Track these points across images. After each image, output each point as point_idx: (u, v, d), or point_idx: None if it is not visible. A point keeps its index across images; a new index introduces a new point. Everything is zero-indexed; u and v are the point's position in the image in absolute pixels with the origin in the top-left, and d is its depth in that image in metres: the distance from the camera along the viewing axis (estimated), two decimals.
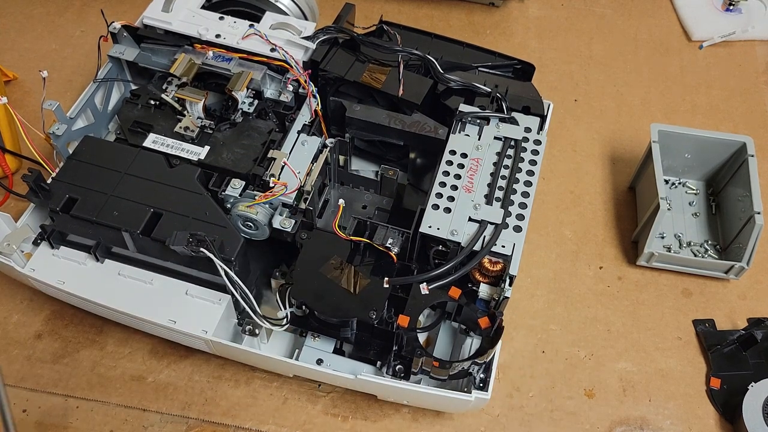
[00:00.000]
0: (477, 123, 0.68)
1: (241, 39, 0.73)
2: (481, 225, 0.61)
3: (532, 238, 0.78)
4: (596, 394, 0.68)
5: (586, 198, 0.84)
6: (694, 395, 0.69)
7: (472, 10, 1.04)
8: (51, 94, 0.87)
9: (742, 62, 1.00)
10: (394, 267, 0.62)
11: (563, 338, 0.72)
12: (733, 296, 0.76)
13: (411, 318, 0.58)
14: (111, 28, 0.75)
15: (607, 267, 0.77)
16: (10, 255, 0.64)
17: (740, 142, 0.77)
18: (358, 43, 0.74)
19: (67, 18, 0.99)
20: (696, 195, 0.83)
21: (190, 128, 0.71)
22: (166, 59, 0.75)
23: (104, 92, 0.75)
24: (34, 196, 0.64)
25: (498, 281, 0.60)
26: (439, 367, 0.57)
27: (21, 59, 0.93)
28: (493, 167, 0.65)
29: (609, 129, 0.91)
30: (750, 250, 0.72)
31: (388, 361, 0.59)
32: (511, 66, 0.77)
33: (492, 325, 0.59)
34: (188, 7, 0.76)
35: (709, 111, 0.94)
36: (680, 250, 0.78)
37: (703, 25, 1.03)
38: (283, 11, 0.80)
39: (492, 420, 0.66)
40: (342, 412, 0.65)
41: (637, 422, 0.67)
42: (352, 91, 0.73)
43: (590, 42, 1.02)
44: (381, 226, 0.63)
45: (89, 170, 0.66)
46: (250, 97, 0.73)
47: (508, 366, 0.69)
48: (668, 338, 0.72)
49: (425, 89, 0.72)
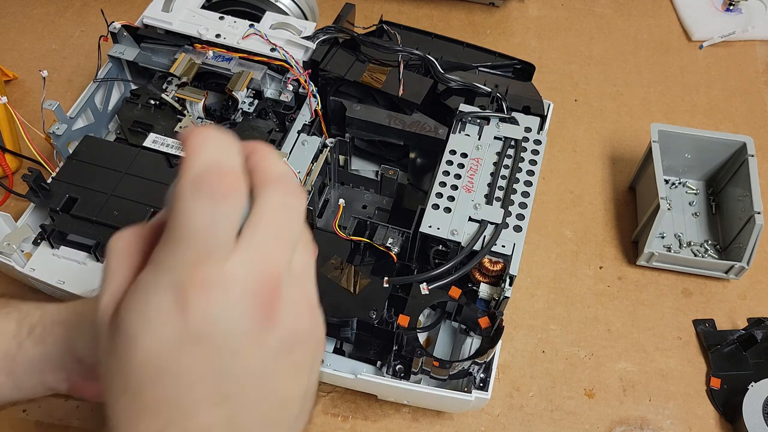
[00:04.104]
0: (477, 123, 0.68)
1: (241, 39, 0.73)
2: (482, 225, 0.61)
3: (532, 238, 0.78)
4: (596, 394, 0.68)
5: (586, 198, 0.84)
6: (694, 395, 0.69)
7: (472, 10, 1.04)
8: (51, 94, 0.87)
9: (743, 62, 1.00)
10: (394, 267, 0.62)
11: (563, 338, 0.72)
12: (733, 296, 0.76)
13: (411, 318, 0.58)
14: (111, 27, 0.75)
15: (607, 267, 0.77)
16: (10, 255, 0.64)
17: (740, 142, 0.77)
18: (359, 42, 0.74)
19: (67, 18, 0.99)
20: (696, 195, 0.83)
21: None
22: (166, 59, 0.75)
23: (104, 92, 0.75)
24: (34, 196, 0.64)
25: (498, 281, 0.60)
26: (439, 366, 0.57)
27: (21, 59, 0.93)
28: (494, 167, 0.65)
29: (609, 129, 0.91)
30: (750, 250, 0.72)
31: (388, 361, 0.59)
32: (512, 66, 0.77)
33: (492, 324, 0.59)
34: (188, 7, 0.76)
35: (709, 111, 0.94)
36: (680, 250, 0.78)
37: (703, 25, 1.03)
38: (283, 11, 0.80)
39: (492, 420, 0.66)
40: (342, 412, 0.65)
41: (637, 422, 0.67)
42: (352, 91, 0.73)
43: (590, 42, 1.02)
44: (381, 225, 0.63)
45: (89, 170, 0.66)
46: (250, 96, 0.73)
47: (508, 366, 0.69)
48: (668, 338, 0.72)
49: (425, 89, 0.72)
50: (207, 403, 0.28)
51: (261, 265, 0.28)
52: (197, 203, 0.26)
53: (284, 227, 0.29)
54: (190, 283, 0.27)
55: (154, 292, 0.27)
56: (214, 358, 0.27)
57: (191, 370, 0.27)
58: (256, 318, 0.27)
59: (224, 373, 0.28)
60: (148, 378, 0.27)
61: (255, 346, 0.28)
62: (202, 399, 0.28)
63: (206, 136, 0.28)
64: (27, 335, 0.44)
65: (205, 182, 0.26)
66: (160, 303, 0.27)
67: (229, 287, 0.27)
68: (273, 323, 0.28)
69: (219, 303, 0.27)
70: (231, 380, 0.28)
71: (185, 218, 0.26)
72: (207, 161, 0.27)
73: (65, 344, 0.44)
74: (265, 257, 0.28)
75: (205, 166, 0.27)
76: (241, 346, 0.28)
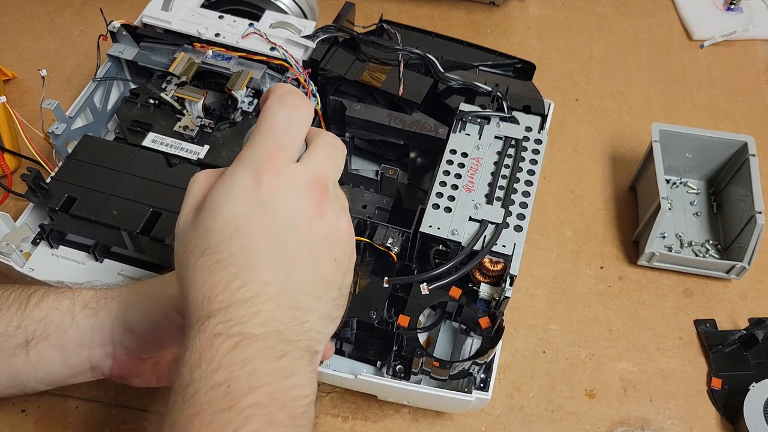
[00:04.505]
0: (477, 122, 0.68)
1: (241, 38, 0.73)
2: (482, 224, 0.60)
3: (532, 238, 0.78)
4: (597, 394, 0.68)
5: (586, 198, 0.83)
6: (695, 395, 0.68)
7: (472, 9, 1.04)
8: (50, 93, 0.87)
9: (744, 61, 0.99)
10: (394, 267, 0.62)
11: (564, 338, 0.72)
12: (735, 296, 0.76)
13: (411, 318, 0.58)
14: (110, 27, 0.75)
15: (608, 267, 0.77)
16: (9, 254, 0.63)
17: (741, 141, 0.77)
18: (358, 42, 0.74)
19: (66, 17, 0.99)
20: (697, 195, 0.82)
21: (190, 127, 0.71)
22: (166, 58, 0.75)
23: (103, 91, 0.75)
24: (33, 196, 0.64)
25: (498, 281, 0.60)
26: (440, 367, 0.57)
27: (20, 58, 0.93)
28: (494, 167, 0.65)
29: (610, 128, 0.91)
30: (751, 250, 0.71)
31: (388, 361, 0.59)
32: (512, 65, 0.77)
33: (492, 325, 0.59)
34: (188, 6, 0.76)
35: (710, 110, 0.94)
36: (681, 249, 0.78)
37: (704, 25, 1.02)
38: (282, 10, 0.80)
39: (492, 420, 0.66)
40: (342, 413, 0.65)
41: (638, 422, 0.67)
42: (352, 90, 0.73)
43: (591, 41, 1.01)
44: (381, 225, 0.63)
45: (88, 169, 0.66)
46: (249, 96, 0.73)
47: (508, 366, 0.69)
48: (669, 338, 0.72)
49: (425, 88, 0.71)
50: (268, 260, 0.36)
51: (316, 172, 0.39)
52: (280, 108, 0.39)
53: (332, 155, 0.41)
54: (266, 168, 0.37)
55: (238, 173, 0.37)
56: (278, 226, 0.36)
57: (260, 233, 0.36)
58: (309, 204, 0.37)
59: (284, 240, 0.37)
60: (226, 236, 0.36)
61: (308, 225, 0.37)
62: (266, 256, 0.36)
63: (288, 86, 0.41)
64: (80, 309, 0.50)
65: (288, 99, 0.39)
66: (242, 180, 0.37)
67: (293, 177, 0.37)
68: (321, 213, 0.38)
69: (285, 185, 0.37)
70: (288, 247, 0.37)
71: (269, 117, 0.38)
72: (289, 89, 0.40)
73: (118, 317, 0.50)
74: (319, 167, 0.39)
75: (288, 91, 0.40)
76: (298, 221, 0.37)
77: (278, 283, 0.36)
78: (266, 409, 0.34)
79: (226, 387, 0.33)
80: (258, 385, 0.34)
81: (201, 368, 0.34)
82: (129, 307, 0.51)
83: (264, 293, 0.36)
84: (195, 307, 0.36)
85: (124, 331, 0.50)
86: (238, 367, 0.34)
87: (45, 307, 0.50)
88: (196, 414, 0.33)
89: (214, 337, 0.35)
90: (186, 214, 0.39)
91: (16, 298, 0.51)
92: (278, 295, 0.36)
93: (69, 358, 0.50)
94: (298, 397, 0.35)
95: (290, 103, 0.39)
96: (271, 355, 0.35)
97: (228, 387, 0.33)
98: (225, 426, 0.33)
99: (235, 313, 0.35)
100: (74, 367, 0.51)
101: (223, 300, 0.35)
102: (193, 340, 0.35)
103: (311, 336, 0.37)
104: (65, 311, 0.50)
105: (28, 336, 0.49)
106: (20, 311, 0.50)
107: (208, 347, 0.34)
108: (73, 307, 0.50)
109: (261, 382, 0.34)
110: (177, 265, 0.39)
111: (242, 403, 0.33)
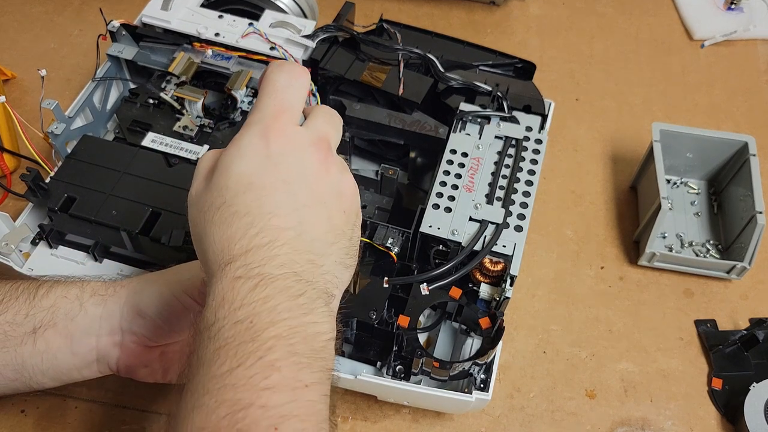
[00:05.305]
0: (478, 122, 0.68)
1: (241, 37, 0.73)
2: (482, 225, 0.60)
3: (533, 238, 0.78)
4: (597, 394, 0.68)
5: (587, 198, 0.83)
6: (696, 396, 0.68)
7: (472, 8, 1.04)
8: (49, 93, 0.87)
9: (744, 61, 0.99)
10: (394, 267, 0.62)
11: (564, 338, 0.71)
12: (735, 296, 0.76)
13: (411, 318, 0.58)
14: (110, 26, 0.74)
15: (609, 267, 0.77)
16: (9, 254, 0.63)
17: (742, 141, 0.77)
18: (358, 41, 0.74)
19: (65, 17, 0.99)
20: (698, 195, 0.82)
21: (189, 127, 0.71)
22: (165, 58, 0.75)
23: (103, 91, 0.75)
24: (32, 196, 0.64)
25: (499, 281, 0.60)
26: (440, 367, 0.56)
27: (19, 58, 0.93)
28: (494, 166, 0.65)
29: (610, 128, 0.91)
30: (752, 250, 0.71)
31: (388, 362, 0.59)
32: (512, 65, 0.76)
33: (493, 325, 0.59)
34: (187, 6, 0.76)
35: (710, 110, 0.93)
36: (682, 250, 0.78)
37: (705, 24, 1.02)
38: (282, 10, 0.80)
39: (493, 420, 0.65)
40: (342, 413, 0.65)
41: (639, 423, 0.66)
42: (352, 90, 0.73)
43: (591, 41, 1.01)
44: (381, 225, 0.63)
45: (88, 169, 0.66)
46: (249, 95, 0.72)
47: (508, 366, 0.69)
48: (670, 338, 0.72)
49: (425, 88, 0.71)
50: (282, 208, 0.39)
51: (318, 132, 0.42)
52: (279, 74, 0.42)
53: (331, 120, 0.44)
54: (272, 128, 0.40)
55: (246, 135, 0.40)
56: (288, 178, 0.39)
57: (272, 185, 0.39)
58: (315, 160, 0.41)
59: (295, 191, 0.39)
60: (240, 191, 0.39)
61: (316, 178, 0.40)
62: (279, 205, 0.39)
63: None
64: (89, 297, 0.51)
65: (286, 66, 0.43)
66: (251, 140, 0.40)
67: (298, 135, 0.41)
68: (327, 168, 0.41)
69: (291, 142, 0.40)
70: (299, 197, 0.39)
71: (271, 82, 0.42)
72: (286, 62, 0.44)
73: (127, 303, 0.51)
74: (321, 129, 0.43)
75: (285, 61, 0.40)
76: (307, 174, 0.40)
77: (293, 229, 0.39)
78: (288, 341, 0.35)
79: (248, 322, 0.35)
80: (279, 319, 0.36)
81: (224, 308, 0.36)
82: (139, 292, 0.52)
83: (280, 238, 0.38)
84: (214, 257, 0.38)
85: (133, 317, 0.51)
86: (259, 304, 0.36)
87: (54, 295, 0.51)
88: (221, 347, 0.35)
89: (235, 280, 0.37)
90: (198, 184, 0.41)
91: (26, 288, 0.51)
92: (293, 240, 0.38)
93: (76, 347, 0.51)
94: (317, 332, 0.37)
95: (288, 69, 0.42)
96: (290, 294, 0.37)
97: (251, 322, 0.35)
98: (249, 356, 0.34)
99: (254, 257, 0.37)
100: (81, 356, 0.51)
101: (242, 246, 0.37)
102: (215, 285, 0.37)
103: (327, 279, 0.40)
104: (74, 299, 0.51)
105: (36, 324, 0.50)
106: (29, 300, 0.51)
107: (230, 289, 0.36)
108: (82, 294, 0.51)
109: (282, 317, 0.36)
110: (192, 228, 0.41)
111: (264, 335, 0.35)
